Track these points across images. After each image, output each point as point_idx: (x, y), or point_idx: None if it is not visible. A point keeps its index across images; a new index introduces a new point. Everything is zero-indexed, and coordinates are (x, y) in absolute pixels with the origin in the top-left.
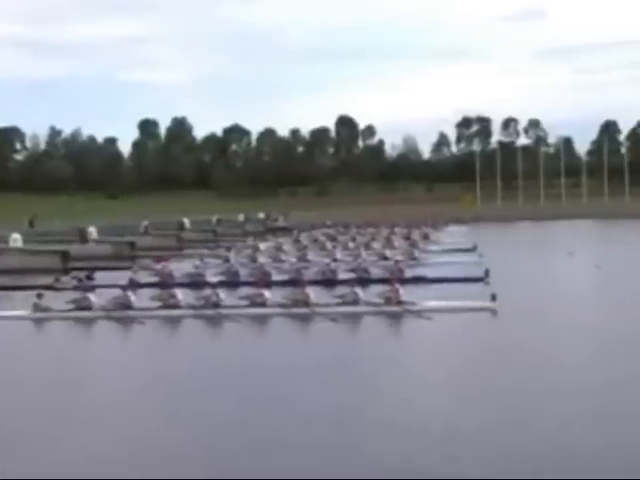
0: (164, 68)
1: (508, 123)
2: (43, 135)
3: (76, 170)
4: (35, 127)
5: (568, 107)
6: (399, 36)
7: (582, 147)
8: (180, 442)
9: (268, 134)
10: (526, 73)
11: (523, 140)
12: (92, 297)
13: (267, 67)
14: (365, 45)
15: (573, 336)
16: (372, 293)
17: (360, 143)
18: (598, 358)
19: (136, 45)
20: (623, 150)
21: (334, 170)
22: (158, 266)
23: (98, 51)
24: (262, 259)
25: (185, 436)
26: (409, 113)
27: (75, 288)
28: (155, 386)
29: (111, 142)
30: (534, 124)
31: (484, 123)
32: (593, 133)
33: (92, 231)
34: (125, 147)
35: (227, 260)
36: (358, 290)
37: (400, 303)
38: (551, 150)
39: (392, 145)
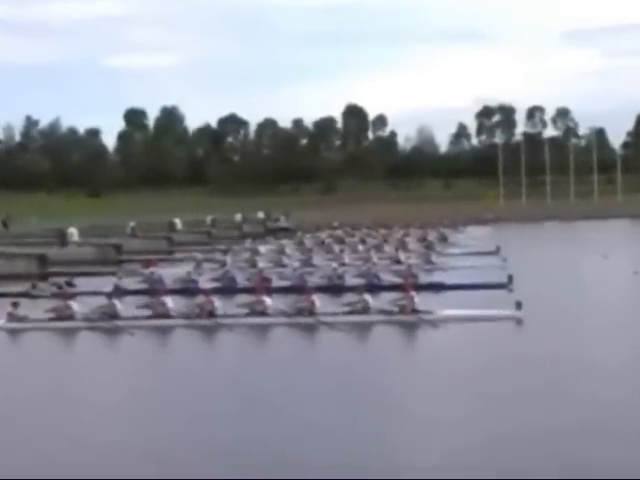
0: (153, 52)
1: (534, 112)
2: (18, 126)
3: (55, 165)
4: (9, 117)
5: (600, 95)
6: (413, 17)
7: (616, 139)
8: None
9: (268, 125)
10: (553, 57)
11: (550, 131)
12: (74, 305)
13: (267, 51)
14: (376, 27)
15: (608, 349)
16: (384, 301)
17: (370, 135)
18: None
19: (122, 27)
20: None
21: (341, 165)
22: (146, 271)
23: (79, 33)
24: (262, 263)
25: None
26: (424, 102)
27: (54, 296)
28: (145, 413)
29: (94, 134)
30: (563, 113)
31: (507, 113)
32: (629, 123)
33: (73, 232)
34: (109, 139)
35: (223, 264)
36: (368, 297)
37: (415, 312)
38: (582, 142)
39: (405, 137)
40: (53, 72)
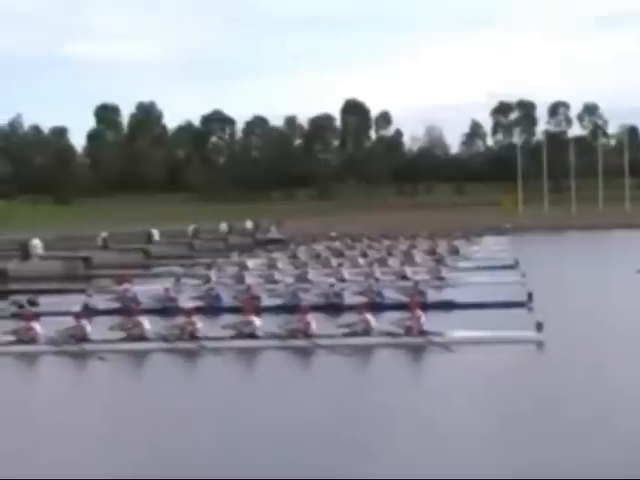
0: (128, 41)
1: (557, 109)
2: None
3: (16, 168)
4: None
5: (633, 88)
6: (421, 1)
7: None
8: None
9: (257, 123)
10: (580, 45)
11: (576, 130)
12: (37, 327)
13: (256, 39)
14: (377, 12)
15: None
16: (387, 321)
17: (372, 134)
18: None
19: (92, 11)
20: None
21: (340, 168)
22: (120, 288)
23: (44, 19)
24: (250, 279)
25: None
26: (433, 97)
27: (15, 316)
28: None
29: (60, 133)
30: (590, 110)
31: (527, 109)
32: None
33: (36, 244)
34: (78, 140)
35: (207, 281)
36: (370, 318)
37: (423, 334)
38: (612, 142)
39: (412, 137)
40: (13, 64)
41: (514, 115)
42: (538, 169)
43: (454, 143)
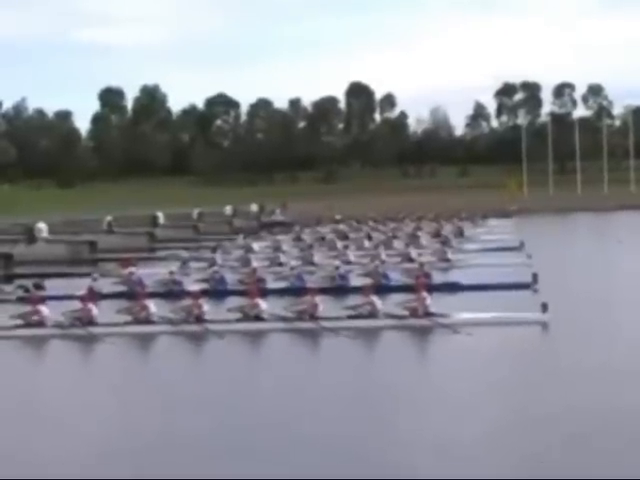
0: (132, 24)
1: (562, 90)
2: None
3: (21, 152)
4: None
5: (638, 69)
6: None
7: None
8: None
9: (261, 106)
10: (585, 26)
11: (581, 111)
12: (44, 311)
13: (260, 22)
14: None
15: None
16: (393, 303)
17: (377, 117)
18: None
19: None
20: None
21: (344, 151)
22: (125, 271)
23: (48, 4)
24: (255, 262)
25: None
26: (437, 79)
27: (21, 300)
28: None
29: (64, 117)
30: (595, 91)
31: (531, 90)
32: None
33: (42, 228)
34: (82, 123)
35: (212, 264)
36: (376, 300)
37: (428, 315)
38: (616, 123)
39: (417, 119)
40: (18, 47)
41: (519, 96)
42: (543, 151)
43: (459, 125)
